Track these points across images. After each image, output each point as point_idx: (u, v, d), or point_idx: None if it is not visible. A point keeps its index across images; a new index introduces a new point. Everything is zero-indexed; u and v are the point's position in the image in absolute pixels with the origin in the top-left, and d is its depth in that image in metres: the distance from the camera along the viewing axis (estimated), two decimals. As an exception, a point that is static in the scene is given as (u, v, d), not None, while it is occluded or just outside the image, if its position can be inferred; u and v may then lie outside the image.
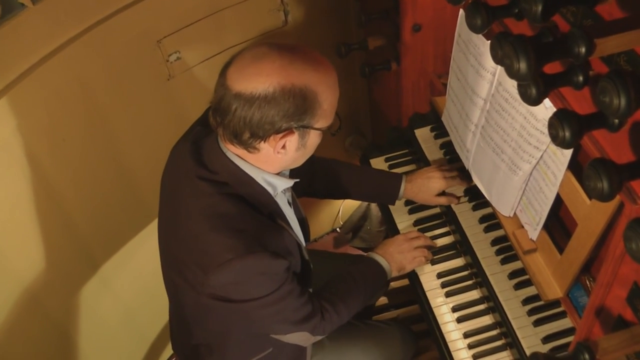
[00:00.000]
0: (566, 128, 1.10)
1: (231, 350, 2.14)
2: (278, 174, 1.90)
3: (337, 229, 4.02)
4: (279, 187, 1.91)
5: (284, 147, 1.76)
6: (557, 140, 1.12)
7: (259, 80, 1.64)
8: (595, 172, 1.04)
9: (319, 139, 1.83)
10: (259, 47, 1.71)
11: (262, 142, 1.73)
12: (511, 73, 0.98)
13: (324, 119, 1.76)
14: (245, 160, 1.81)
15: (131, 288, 3.05)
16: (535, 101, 1.19)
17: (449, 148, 2.53)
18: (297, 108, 1.67)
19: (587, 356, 1.32)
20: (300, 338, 2.06)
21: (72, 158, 2.46)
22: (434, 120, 2.65)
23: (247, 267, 1.75)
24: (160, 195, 2.03)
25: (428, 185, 2.41)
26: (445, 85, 2.38)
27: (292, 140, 1.75)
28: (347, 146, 3.56)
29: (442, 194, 2.43)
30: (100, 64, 2.39)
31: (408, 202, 2.54)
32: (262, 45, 1.71)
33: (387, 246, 2.35)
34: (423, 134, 2.66)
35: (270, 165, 1.83)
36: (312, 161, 2.14)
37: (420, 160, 2.61)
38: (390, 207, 2.56)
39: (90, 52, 2.33)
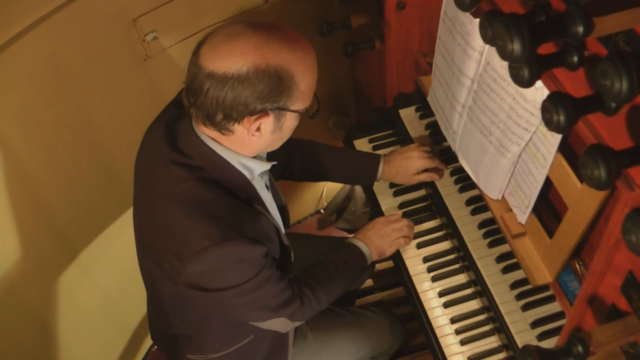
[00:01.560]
0: (561, 112, 1.05)
1: (210, 339, 2.09)
2: (255, 157, 1.84)
3: (321, 210, 3.98)
4: (256, 171, 1.86)
5: (258, 129, 1.70)
6: (552, 124, 1.06)
7: (232, 60, 1.58)
8: (592, 159, 0.98)
9: (296, 121, 1.77)
10: (233, 25, 1.64)
11: (236, 124, 1.67)
12: (504, 54, 0.92)
13: (301, 100, 1.71)
14: (220, 144, 1.76)
15: (111, 275, 2.99)
16: (527, 83, 1.13)
17: (434, 129, 2.48)
18: (272, 89, 1.61)
19: (580, 348, 1.27)
20: (279, 324, 2.02)
21: (47, 142, 2.40)
22: (419, 100, 2.60)
23: (224, 254, 1.70)
24: (134, 180, 1.96)
25: (406, 166, 2.37)
26: (430, 64, 2.33)
27: (267, 123, 1.69)
28: (331, 126, 3.50)
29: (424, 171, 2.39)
30: (74, 44, 2.32)
31: (393, 184, 2.50)
32: (237, 23, 1.65)
33: (367, 230, 2.31)
34: (408, 115, 2.61)
35: (245, 148, 1.77)
36: (287, 143, 2.10)
37: (405, 141, 2.56)
38: (375, 189, 2.51)
39: (63, 32, 2.25)
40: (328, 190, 3.86)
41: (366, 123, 2.84)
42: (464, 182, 2.35)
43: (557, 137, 1.67)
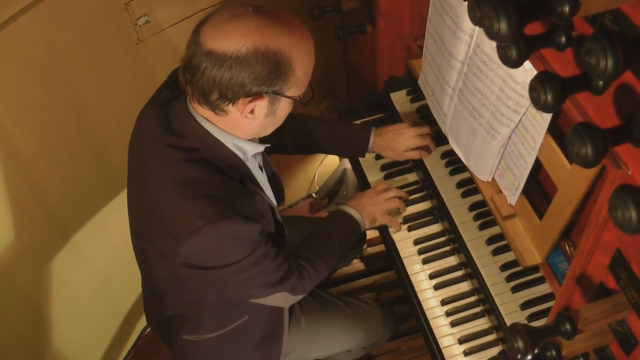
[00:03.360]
0: (548, 91, 1.05)
1: (206, 319, 2.11)
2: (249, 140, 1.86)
3: (313, 195, 3.98)
4: (250, 152, 1.87)
5: (252, 112, 1.71)
6: (539, 104, 1.07)
7: (233, 40, 1.59)
8: (578, 137, 0.99)
9: (289, 107, 1.79)
10: (237, 7, 1.65)
11: (230, 104, 1.68)
12: (491, 34, 0.92)
13: (296, 87, 1.72)
14: (214, 124, 1.77)
15: (104, 257, 3.00)
16: (515, 63, 1.14)
17: (425, 112, 2.48)
18: (269, 72, 1.62)
19: (568, 326, 1.29)
20: (281, 299, 2.04)
21: (40, 125, 2.40)
22: (410, 84, 2.60)
23: (219, 232, 1.71)
24: (128, 163, 1.97)
25: (397, 141, 2.39)
26: (421, 47, 2.33)
27: (261, 106, 1.70)
28: (322, 110, 3.50)
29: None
30: (67, 28, 2.31)
31: (384, 167, 2.51)
32: (241, 5, 1.65)
33: (359, 198, 2.34)
34: (399, 98, 2.61)
35: (238, 130, 1.79)
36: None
37: (396, 125, 2.56)
38: (366, 172, 2.52)
39: (55, 15, 2.25)
40: (320, 174, 3.86)
41: (358, 107, 2.84)
42: (455, 164, 2.36)
43: (547, 119, 1.68)
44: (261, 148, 1.91)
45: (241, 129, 1.78)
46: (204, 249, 1.75)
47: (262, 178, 2.00)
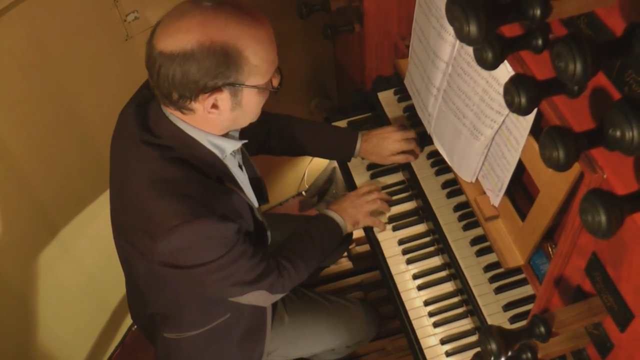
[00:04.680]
0: (522, 94, 1.05)
1: (187, 317, 2.11)
2: (225, 135, 1.86)
3: (303, 193, 3.98)
4: (227, 150, 1.86)
5: (215, 106, 1.70)
6: (513, 106, 1.07)
7: (178, 37, 1.59)
8: (550, 140, 0.99)
9: (258, 97, 1.76)
10: (185, 4, 1.65)
11: (192, 102, 1.68)
12: (461, 36, 0.92)
13: (256, 75, 1.69)
14: (188, 123, 1.76)
15: (92, 253, 2.99)
16: (491, 66, 1.13)
17: (412, 112, 2.48)
18: (218, 65, 1.61)
19: (542, 329, 1.29)
20: (259, 297, 2.03)
21: (28, 120, 2.39)
22: (398, 83, 2.60)
23: (194, 231, 1.71)
24: (110, 161, 1.97)
25: (382, 146, 2.38)
26: (409, 47, 2.32)
27: (223, 99, 1.69)
28: (312, 108, 3.50)
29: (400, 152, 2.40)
30: (55, 24, 2.31)
31: (370, 167, 2.51)
32: (188, 2, 1.65)
33: (340, 202, 2.35)
34: (386, 97, 2.61)
35: (211, 126, 1.78)
36: (266, 119, 2.13)
37: (383, 124, 2.54)
38: (352, 171, 2.53)
39: (44, 10, 2.24)
40: (310, 172, 3.86)
41: (346, 106, 2.84)
42: (441, 165, 2.35)
43: (529, 120, 1.68)
44: (238, 145, 1.90)
45: (212, 125, 1.77)
46: (179, 248, 1.74)
47: (242, 177, 1.99)
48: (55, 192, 2.65)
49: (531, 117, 1.67)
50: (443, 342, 2.10)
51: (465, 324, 2.13)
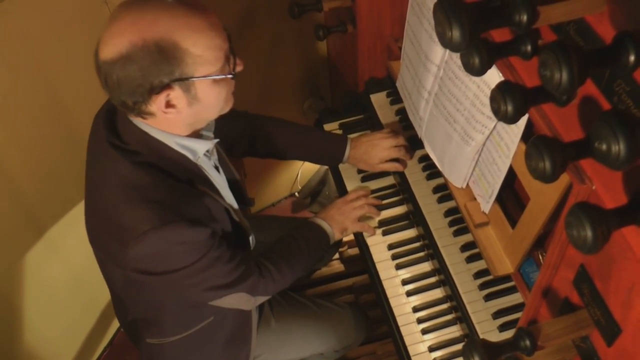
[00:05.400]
0: (509, 102, 1.02)
1: (167, 322, 2.08)
2: (196, 136, 1.81)
3: (296, 194, 3.95)
4: (200, 151, 1.82)
5: (171, 105, 1.65)
6: (499, 114, 1.04)
7: (113, 43, 1.54)
8: (536, 150, 0.96)
9: (215, 87, 1.68)
10: (116, 8, 1.60)
11: (147, 105, 1.63)
12: (444, 42, 0.89)
13: (203, 65, 1.62)
14: (152, 126, 1.72)
15: (79, 252, 2.94)
16: (478, 71, 1.10)
17: (404, 114, 2.44)
18: (155, 62, 1.55)
19: (527, 342, 1.26)
20: (239, 300, 1.98)
21: (14, 117, 2.36)
22: (390, 86, 2.56)
23: (164, 238, 1.67)
24: (86, 164, 1.93)
25: (370, 153, 2.35)
26: (401, 49, 2.29)
27: (176, 97, 1.63)
28: (306, 109, 3.47)
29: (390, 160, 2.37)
30: (44, 20, 2.28)
31: (361, 170, 2.47)
32: (119, 4, 1.60)
33: (328, 209, 2.32)
34: (379, 100, 2.58)
35: (175, 127, 1.73)
36: (253, 122, 2.12)
37: (375, 127, 2.53)
38: (343, 176, 2.49)
39: (32, 7, 2.22)
40: (302, 173, 3.83)
41: (339, 107, 2.81)
42: (432, 169, 2.32)
43: (521, 127, 1.65)
44: (209, 144, 1.85)
45: (175, 125, 1.73)
46: (150, 255, 1.71)
47: (218, 178, 1.96)
48: (41, 189, 2.62)
49: (522, 123, 1.64)
50: (432, 349, 2.07)
51: (455, 331, 2.10)
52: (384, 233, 2.30)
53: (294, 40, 3.11)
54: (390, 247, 2.26)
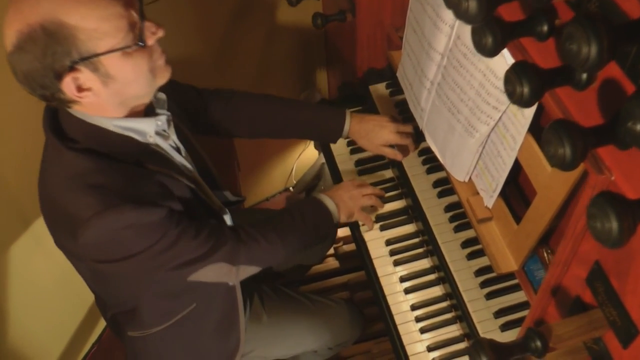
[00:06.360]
0: (525, 83, 0.94)
1: (146, 313, 2.01)
2: (140, 115, 1.72)
3: (290, 189, 3.89)
4: (148, 130, 1.72)
5: (85, 89, 1.54)
6: (514, 97, 0.96)
7: (6, 35, 1.47)
8: (556, 135, 0.88)
9: (128, 60, 1.55)
10: None
11: (62, 93, 1.53)
12: (459, 13, 0.81)
13: (103, 39, 1.49)
14: (85, 112, 1.63)
15: (65, 248, 2.89)
16: (491, 52, 1.02)
17: (404, 106, 2.38)
18: (46, 47, 1.45)
19: (538, 343, 1.18)
20: (219, 272, 1.89)
21: (0, 109, 2.31)
22: (390, 76, 2.50)
23: (109, 223, 1.59)
24: None
25: (377, 133, 2.25)
26: (402, 39, 2.22)
27: (87, 79, 1.53)
28: (302, 101, 3.41)
29: (390, 146, 2.28)
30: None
31: (358, 163, 2.40)
32: None
33: (336, 189, 2.20)
34: (378, 91, 2.51)
35: (104, 110, 1.63)
36: (233, 98, 2.09)
37: (374, 119, 2.45)
38: (341, 170, 2.42)
39: None
40: (298, 167, 3.78)
41: (337, 98, 2.74)
42: (432, 162, 2.26)
43: (528, 117, 1.58)
44: (151, 123, 1.73)
45: (103, 108, 1.63)
46: (101, 242, 1.63)
47: (177, 157, 1.85)
48: (27, 182, 2.53)
49: (530, 113, 1.57)
50: (430, 349, 2.01)
51: (454, 330, 2.04)
52: (382, 228, 2.23)
53: (289, 29, 3.05)
54: (388, 242, 2.20)
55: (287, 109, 2.30)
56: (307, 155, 3.71)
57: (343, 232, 3.30)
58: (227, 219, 2.02)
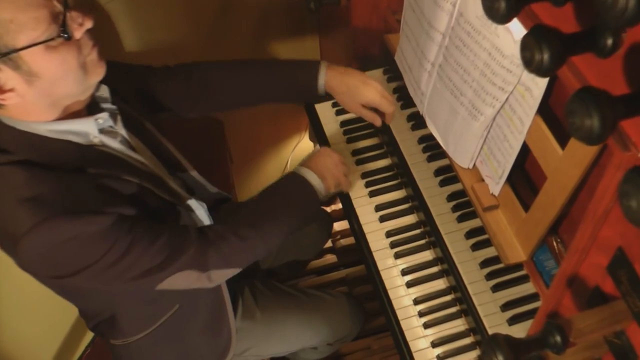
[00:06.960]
0: (545, 49, 0.85)
1: (125, 321, 1.92)
2: (79, 115, 1.60)
3: (285, 182, 3.81)
4: (91, 131, 1.60)
5: (7, 90, 1.43)
6: (533, 65, 0.86)
7: None
8: (582, 105, 0.78)
9: (52, 54, 1.43)
10: None
11: None
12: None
13: (22, 32, 1.37)
14: (12, 118, 1.51)
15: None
16: (503, 18, 0.93)
17: (403, 92, 2.30)
18: None
19: (558, 338, 1.08)
20: (188, 279, 1.73)
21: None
22: (387, 62, 2.42)
23: (47, 236, 1.45)
24: None
25: (360, 89, 2.05)
26: (400, 22, 2.13)
27: (8, 78, 1.41)
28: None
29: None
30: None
31: (355, 153, 2.30)
32: None
33: (318, 156, 2.01)
34: (375, 77, 2.39)
35: (35, 114, 1.51)
36: (188, 74, 1.99)
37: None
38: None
39: None
40: (292, 161, 3.72)
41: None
42: (433, 150, 2.18)
43: (537, 97, 1.50)
44: (90, 124, 1.61)
45: (31, 111, 1.51)
46: (42, 258, 1.50)
47: (134, 155, 1.73)
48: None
49: (539, 93, 1.49)
50: (434, 344, 1.93)
51: (459, 325, 1.96)
52: (381, 219, 2.14)
53: (281, 14, 2.97)
54: (389, 234, 2.11)
55: (255, 73, 2.13)
56: (302, 147, 3.65)
57: (340, 225, 3.24)
58: (201, 210, 1.90)
